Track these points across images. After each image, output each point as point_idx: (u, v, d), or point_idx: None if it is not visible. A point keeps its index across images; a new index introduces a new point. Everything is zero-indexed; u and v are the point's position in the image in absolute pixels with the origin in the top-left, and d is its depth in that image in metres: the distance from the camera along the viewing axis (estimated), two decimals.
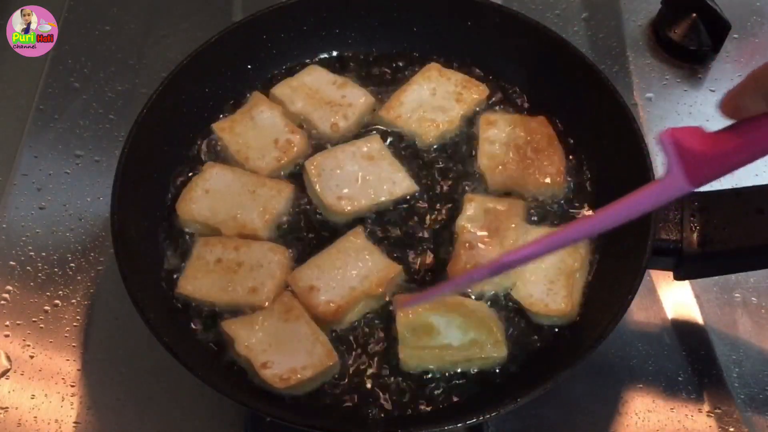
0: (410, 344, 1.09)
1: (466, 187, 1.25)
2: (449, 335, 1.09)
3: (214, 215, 1.20)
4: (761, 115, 0.74)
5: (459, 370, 1.10)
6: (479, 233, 1.17)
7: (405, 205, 1.24)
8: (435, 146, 1.30)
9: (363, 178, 1.23)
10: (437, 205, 1.24)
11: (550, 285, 1.14)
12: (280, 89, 1.34)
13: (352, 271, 1.14)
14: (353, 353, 1.11)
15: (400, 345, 1.09)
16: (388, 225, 1.22)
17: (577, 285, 1.14)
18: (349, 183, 1.23)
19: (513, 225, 1.17)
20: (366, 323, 1.14)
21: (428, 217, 1.23)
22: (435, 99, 1.32)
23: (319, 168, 1.24)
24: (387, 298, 1.15)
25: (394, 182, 1.24)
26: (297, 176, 1.26)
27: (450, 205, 1.23)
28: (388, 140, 1.29)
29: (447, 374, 1.10)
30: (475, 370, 1.10)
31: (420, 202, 1.24)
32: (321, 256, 1.16)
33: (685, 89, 1.52)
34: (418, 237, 1.21)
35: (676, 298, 1.27)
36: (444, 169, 1.27)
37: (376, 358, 1.11)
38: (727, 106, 0.76)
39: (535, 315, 1.13)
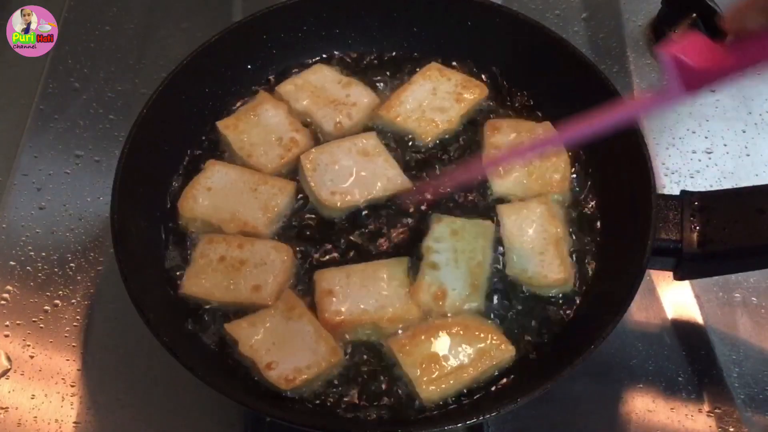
0: (426, 379, 1.05)
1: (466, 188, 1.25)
2: (457, 355, 1.07)
3: (216, 213, 1.20)
4: (759, 31, 0.76)
5: (482, 384, 1.08)
6: (444, 254, 1.15)
7: (399, 202, 1.23)
8: (434, 145, 1.29)
9: (357, 174, 1.23)
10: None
11: (540, 257, 1.14)
12: (285, 87, 1.34)
13: (375, 296, 1.12)
14: (353, 354, 1.11)
15: (417, 386, 1.05)
16: (383, 222, 1.22)
17: (564, 252, 1.15)
18: (343, 178, 1.23)
19: (479, 245, 1.16)
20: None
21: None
22: (435, 98, 1.32)
23: (314, 163, 1.24)
24: (386, 338, 1.11)
25: (389, 178, 1.23)
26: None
27: (450, 204, 1.23)
28: (387, 139, 1.29)
29: None
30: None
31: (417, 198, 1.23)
32: (356, 267, 1.15)
33: None
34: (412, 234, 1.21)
35: (676, 298, 1.27)
36: (443, 168, 1.27)
37: (376, 360, 1.11)
38: (729, 22, 0.79)
39: (536, 288, 1.14)
